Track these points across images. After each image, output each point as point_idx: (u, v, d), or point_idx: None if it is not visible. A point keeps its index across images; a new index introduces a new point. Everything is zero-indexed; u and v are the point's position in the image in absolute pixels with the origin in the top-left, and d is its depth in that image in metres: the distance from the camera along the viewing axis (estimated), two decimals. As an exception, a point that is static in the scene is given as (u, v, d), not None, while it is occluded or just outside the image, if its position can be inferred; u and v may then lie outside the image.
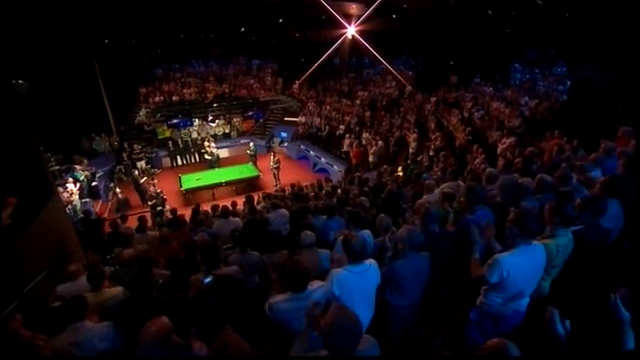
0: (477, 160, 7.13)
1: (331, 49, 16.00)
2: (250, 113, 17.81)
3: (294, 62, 20.87)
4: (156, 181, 11.95)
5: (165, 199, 10.46)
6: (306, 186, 8.53)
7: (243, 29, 17.46)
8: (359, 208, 4.26)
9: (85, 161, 11.87)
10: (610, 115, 7.12)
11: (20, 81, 9.53)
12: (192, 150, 15.56)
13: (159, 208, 9.63)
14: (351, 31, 14.55)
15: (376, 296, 2.44)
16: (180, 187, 11.95)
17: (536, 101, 8.96)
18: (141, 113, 16.13)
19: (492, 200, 3.20)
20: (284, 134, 17.48)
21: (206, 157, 14.20)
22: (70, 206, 9.15)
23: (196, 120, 16.05)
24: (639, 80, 7.70)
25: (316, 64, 15.54)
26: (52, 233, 5.92)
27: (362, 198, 4.53)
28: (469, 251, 2.47)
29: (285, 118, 18.29)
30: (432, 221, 2.85)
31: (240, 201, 10.38)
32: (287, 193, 7.98)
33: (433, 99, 13.11)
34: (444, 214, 3.12)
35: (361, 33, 14.93)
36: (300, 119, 16.96)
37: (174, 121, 16.30)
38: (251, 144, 14.47)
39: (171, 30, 16.81)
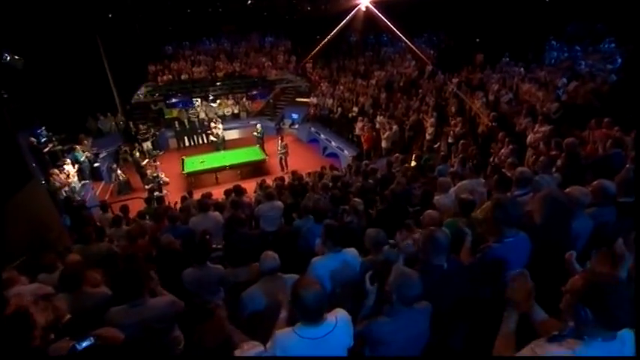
0: (503, 150, 6.20)
1: (343, 22, 14.78)
2: (254, 93, 16.95)
3: (308, 40, 19.76)
4: (158, 163, 11.54)
5: (163, 184, 9.97)
6: (309, 174, 7.84)
7: (250, 1, 16.40)
8: (350, 213, 3.56)
9: (86, 142, 11.56)
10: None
11: (16, 57, 9.13)
12: (200, 131, 15.06)
13: (156, 193, 9.20)
14: (365, 1, 13.30)
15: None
16: (183, 170, 11.51)
17: (576, 83, 7.75)
18: (139, 92, 15.58)
19: (529, 220, 2.27)
20: (295, 116, 16.72)
21: (212, 138, 13.67)
22: (67, 188, 8.85)
23: (198, 100, 15.41)
24: None
25: (326, 40, 14.40)
26: (31, 219, 5.54)
27: (355, 200, 3.78)
28: (489, 290, 1.73)
29: (297, 99, 17.49)
30: (439, 252, 2.00)
31: (247, 185, 9.89)
32: (287, 181, 7.33)
33: (455, 80, 11.92)
34: (457, 233, 2.36)
35: (378, 6, 13.66)
36: (312, 100, 16.10)
37: (173, 100, 15.65)
38: (258, 125, 13.81)
39: (178, 4, 16.02)
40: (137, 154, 12.07)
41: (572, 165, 4.32)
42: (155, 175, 9.35)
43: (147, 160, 11.34)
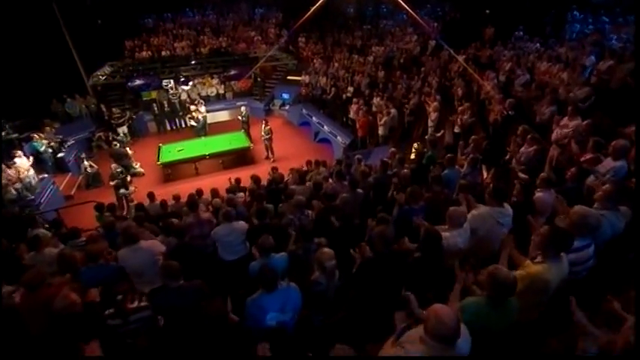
0: (523, 149, 5.01)
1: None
2: (232, 72, 15.17)
3: (302, 12, 18.03)
4: (130, 152, 10.36)
5: (131, 178, 8.78)
6: (291, 171, 6.74)
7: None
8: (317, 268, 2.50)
9: (50, 128, 10.34)
10: None
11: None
12: (182, 113, 13.75)
13: (121, 190, 8.12)
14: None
15: None
16: (158, 160, 10.38)
17: (610, 61, 6.49)
18: (98, 72, 13.66)
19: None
20: (286, 96, 15.39)
21: (191, 123, 12.42)
22: (19, 185, 7.76)
23: (170, 82, 13.65)
24: None
25: (315, 6, 12.82)
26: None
27: (324, 252, 2.58)
28: None
29: (289, 77, 16.06)
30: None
31: (227, 177, 8.68)
32: (267, 179, 6.24)
33: (462, 57, 10.57)
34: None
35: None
36: (304, 79, 14.70)
37: (136, 82, 13.73)
38: (242, 108, 12.56)
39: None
40: (117, 144, 10.61)
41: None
42: (120, 169, 8.15)
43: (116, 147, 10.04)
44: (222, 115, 15.17)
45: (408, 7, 13.20)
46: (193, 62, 14.85)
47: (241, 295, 2.87)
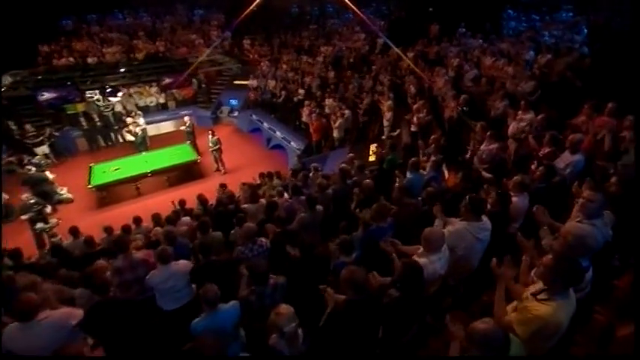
0: (484, 147, 4.84)
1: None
2: (167, 81, 13.90)
3: (243, 12, 17.20)
4: (51, 176, 8.90)
5: (47, 210, 7.21)
6: (245, 186, 6.06)
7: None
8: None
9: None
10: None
11: None
12: (117, 127, 12.27)
13: (38, 225, 6.80)
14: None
15: None
16: (89, 182, 9.04)
17: (549, 56, 6.69)
18: None
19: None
20: (234, 102, 14.50)
21: (129, 138, 11.11)
22: None
23: (95, 93, 12.00)
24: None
25: (252, 6, 12.17)
26: None
27: (280, 312, 2.00)
28: None
29: (235, 82, 15.16)
30: None
31: (175, 195, 7.62)
32: (210, 204, 5.50)
33: (411, 54, 10.55)
34: None
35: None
36: (252, 83, 13.94)
37: (46, 95, 11.56)
38: (186, 118, 11.52)
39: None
40: (32, 169, 8.93)
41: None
42: (33, 200, 6.79)
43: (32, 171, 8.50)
44: (166, 127, 13.90)
45: (353, 6, 13.04)
46: (123, 70, 13.23)
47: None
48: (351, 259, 3.06)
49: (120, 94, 12.34)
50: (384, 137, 8.79)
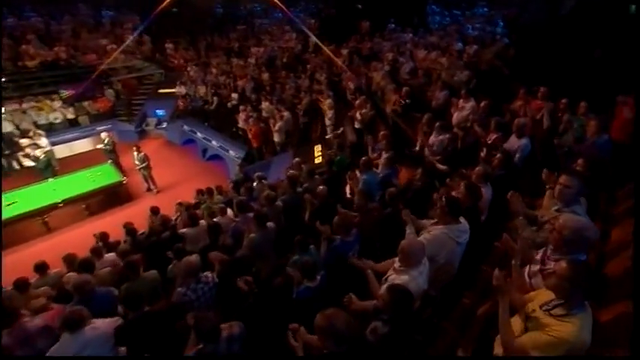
0: (433, 138, 4.71)
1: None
2: (66, 92, 11.86)
3: (161, 13, 15.72)
4: None
5: None
6: (181, 207, 5.22)
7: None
8: None
9: None
10: (579, 61, 5.46)
11: None
12: (9, 152, 10.17)
13: None
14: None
15: None
16: (-23, 222, 7.26)
17: (475, 47, 6.94)
18: None
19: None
20: (160, 112, 13.12)
21: (26, 163, 9.27)
22: None
23: None
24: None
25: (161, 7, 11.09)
26: None
27: None
28: None
29: (160, 90, 13.73)
30: None
31: (98, 225, 6.55)
32: (141, 233, 4.59)
33: (345, 51, 10.42)
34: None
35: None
36: (180, 90, 12.72)
37: None
38: (103, 134, 9.99)
39: None
40: None
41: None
42: None
43: None
44: (80, 146, 12.04)
45: (281, 5, 12.60)
46: (4, 80, 10.93)
47: None
48: (315, 282, 2.59)
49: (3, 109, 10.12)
50: (328, 137, 8.47)
